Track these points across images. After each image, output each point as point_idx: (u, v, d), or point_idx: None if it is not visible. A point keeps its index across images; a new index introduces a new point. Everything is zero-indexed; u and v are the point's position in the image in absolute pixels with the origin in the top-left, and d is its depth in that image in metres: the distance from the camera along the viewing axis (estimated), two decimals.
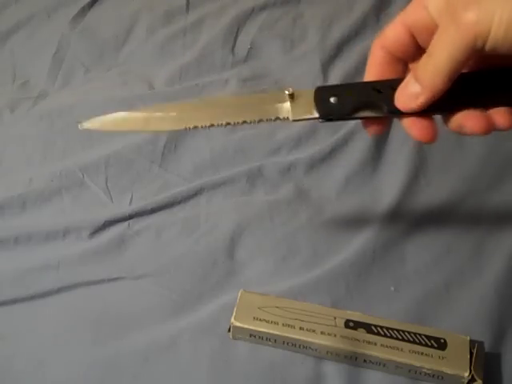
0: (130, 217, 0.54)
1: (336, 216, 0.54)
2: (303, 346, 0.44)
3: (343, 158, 0.58)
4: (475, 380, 0.41)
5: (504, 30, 0.29)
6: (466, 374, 0.41)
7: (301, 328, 0.44)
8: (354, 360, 0.43)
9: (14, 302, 0.49)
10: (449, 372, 0.41)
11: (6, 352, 0.47)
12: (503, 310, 0.47)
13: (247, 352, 0.46)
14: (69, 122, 0.63)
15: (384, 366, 0.43)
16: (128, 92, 0.66)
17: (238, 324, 0.44)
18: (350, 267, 0.50)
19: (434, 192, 0.55)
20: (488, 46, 0.30)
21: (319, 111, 0.35)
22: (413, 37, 0.35)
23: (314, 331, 0.43)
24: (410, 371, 0.42)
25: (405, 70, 0.36)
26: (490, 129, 0.34)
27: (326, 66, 0.66)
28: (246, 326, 0.44)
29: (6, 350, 0.47)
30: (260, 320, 0.44)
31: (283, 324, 0.44)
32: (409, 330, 0.43)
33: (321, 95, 0.35)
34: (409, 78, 0.34)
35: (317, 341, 0.43)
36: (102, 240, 0.53)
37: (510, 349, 0.45)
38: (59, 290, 0.50)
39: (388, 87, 0.34)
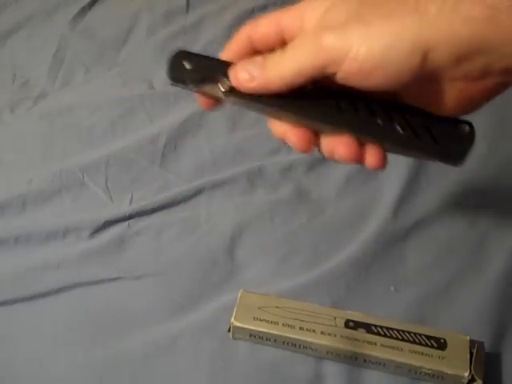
0: (130, 217, 0.54)
1: (336, 216, 0.54)
2: (303, 346, 0.44)
3: None
4: (475, 380, 0.41)
5: (358, 65, 0.28)
6: (466, 374, 0.41)
7: (301, 328, 0.44)
8: (354, 360, 0.43)
9: (14, 302, 0.49)
10: (449, 372, 0.41)
11: (6, 352, 0.47)
12: (503, 310, 0.47)
13: (247, 352, 0.46)
14: (69, 122, 0.63)
15: (384, 365, 0.43)
16: (128, 92, 0.66)
17: (237, 324, 0.44)
18: (349, 267, 0.50)
19: (434, 192, 0.55)
20: (339, 76, 0.29)
21: (170, 74, 0.34)
22: (281, 38, 0.33)
23: (313, 331, 0.43)
24: (409, 371, 0.42)
25: None
26: (361, 162, 0.33)
27: None
28: (246, 326, 0.44)
29: (6, 349, 0.47)
30: (260, 320, 0.44)
31: (283, 324, 0.44)
32: (409, 330, 0.43)
33: (178, 59, 0.33)
34: (257, 59, 0.32)
35: (317, 341, 0.43)
36: (102, 240, 0.53)
37: (510, 349, 0.45)
38: (59, 290, 0.50)
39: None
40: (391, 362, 0.42)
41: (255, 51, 0.34)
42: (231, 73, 0.32)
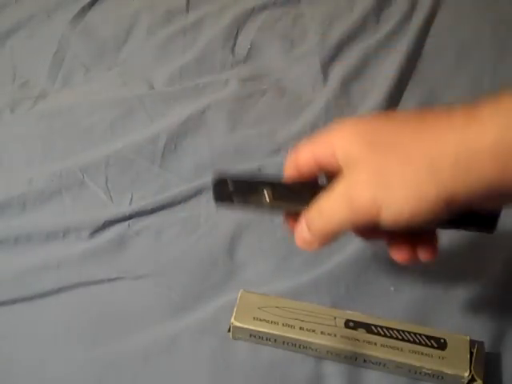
0: (130, 217, 0.54)
1: None
2: (303, 346, 0.44)
3: None
4: (475, 380, 0.41)
5: (390, 223, 0.32)
6: (466, 374, 0.41)
7: (301, 328, 0.44)
8: (354, 360, 0.43)
9: (14, 302, 0.49)
10: (449, 372, 0.41)
11: (6, 352, 0.47)
12: (503, 310, 0.47)
13: (247, 352, 0.46)
14: (69, 121, 0.63)
15: (384, 365, 0.43)
16: (128, 92, 0.66)
17: (237, 324, 0.44)
18: (349, 267, 0.50)
19: None
20: (382, 225, 0.32)
21: (216, 196, 0.39)
22: (319, 163, 0.36)
23: (313, 331, 0.43)
24: (409, 371, 0.42)
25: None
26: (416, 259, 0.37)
27: (326, 66, 0.66)
28: (245, 326, 0.44)
29: (5, 349, 0.47)
30: (260, 320, 0.44)
31: (283, 324, 0.44)
32: (409, 330, 0.43)
33: (220, 182, 0.39)
34: (302, 225, 0.36)
35: (317, 341, 0.43)
36: (102, 240, 0.53)
37: (510, 349, 0.45)
38: (59, 290, 0.50)
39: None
40: (391, 362, 0.42)
41: (302, 173, 0.38)
42: (295, 237, 0.37)
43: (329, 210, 0.34)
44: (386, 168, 0.31)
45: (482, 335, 0.44)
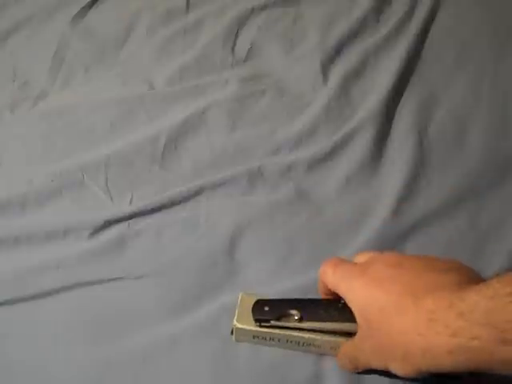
0: (130, 217, 0.54)
1: (336, 216, 0.54)
2: (307, 344, 0.44)
3: (343, 158, 0.58)
4: None
5: (398, 373, 0.38)
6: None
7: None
8: None
9: (14, 302, 0.49)
10: None
11: (6, 352, 0.47)
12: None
13: (247, 352, 0.46)
14: (69, 121, 0.63)
15: None
16: (128, 92, 0.66)
17: (240, 326, 0.44)
18: None
19: (434, 192, 0.55)
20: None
21: (255, 316, 0.44)
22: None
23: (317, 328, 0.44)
24: None
25: None
26: None
27: (326, 66, 0.66)
28: (248, 328, 0.44)
29: (6, 350, 0.47)
30: None
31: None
32: None
33: (259, 305, 0.44)
34: (341, 354, 0.43)
35: (320, 337, 0.43)
36: (102, 240, 0.53)
37: None
38: (59, 290, 0.50)
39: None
40: None
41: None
42: (338, 361, 0.44)
43: (354, 355, 0.42)
44: (380, 346, 0.39)
45: None
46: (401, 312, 0.37)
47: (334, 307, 0.43)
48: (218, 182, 0.56)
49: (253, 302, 0.45)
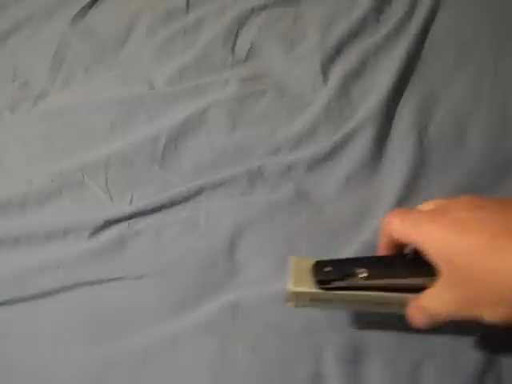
0: (130, 217, 0.54)
1: (336, 216, 0.54)
2: (373, 303, 0.41)
3: (343, 157, 0.58)
4: None
5: (492, 321, 0.36)
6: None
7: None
8: None
9: (14, 302, 0.49)
10: None
11: (6, 352, 0.47)
12: None
13: (247, 352, 0.46)
14: (69, 121, 0.63)
15: None
16: (128, 92, 0.66)
17: (298, 289, 0.41)
18: None
19: (434, 192, 0.55)
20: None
21: (317, 278, 0.41)
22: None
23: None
24: None
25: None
26: None
27: (326, 66, 0.66)
28: (308, 291, 0.41)
29: (6, 349, 0.47)
30: None
31: None
32: None
33: (318, 267, 0.41)
34: (415, 310, 0.40)
35: (388, 295, 0.40)
36: (102, 240, 0.53)
37: (510, 349, 0.45)
38: (59, 290, 0.50)
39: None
40: None
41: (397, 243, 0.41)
42: (410, 322, 0.40)
43: (433, 306, 0.38)
44: (470, 292, 0.36)
45: (482, 334, 0.44)
46: (498, 253, 0.34)
47: (400, 262, 0.40)
48: (218, 182, 0.56)
49: (308, 264, 0.42)
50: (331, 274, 0.40)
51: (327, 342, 0.46)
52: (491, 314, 0.35)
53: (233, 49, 0.69)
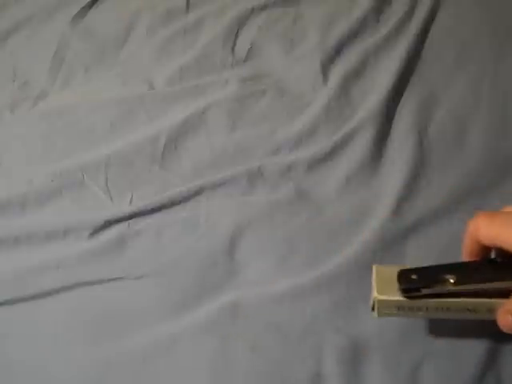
0: (130, 217, 0.54)
1: (336, 216, 0.54)
2: (461, 309, 0.40)
3: (343, 157, 0.58)
4: None
5: None
6: None
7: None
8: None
9: (14, 302, 0.49)
10: None
11: (7, 352, 0.47)
12: None
13: (247, 352, 0.46)
14: (69, 121, 0.63)
15: None
16: (128, 92, 0.66)
17: (382, 297, 0.40)
18: (349, 267, 0.50)
19: (434, 192, 0.55)
20: None
21: (403, 287, 0.40)
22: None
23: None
24: None
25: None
26: None
27: (326, 66, 0.66)
28: (394, 299, 0.40)
29: (6, 349, 0.47)
30: None
31: None
32: None
33: (404, 275, 0.40)
34: (505, 312, 0.38)
35: (476, 300, 0.39)
36: (102, 240, 0.53)
37: (510, 348, 0.45)
38: (59, 290, 0.50)
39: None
40: None
41: (483, 246, 0.40)
42: (500, 325, 0.39)
43: None
44: None
45: (481, 335, 0.44)
46: None
47: (489, 266, 0.39)
48: (218, 181, 0.56)
49: (391, 272, 0.41)
50: (417, 281, 0.40)
51: (327, 342, 0.46)
52: None
53: (233, 49, 0.69)
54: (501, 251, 0.38)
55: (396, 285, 0.40)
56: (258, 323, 0.47)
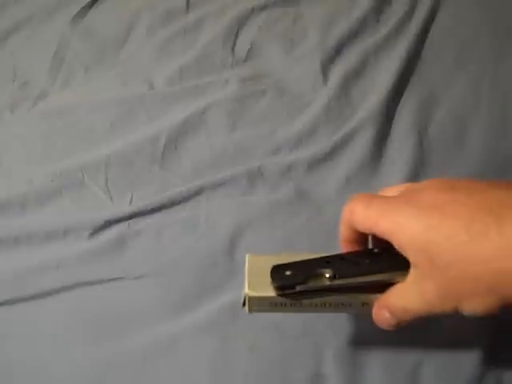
0: (130, 217, 0.54)
1: (336, 216, 0.54)
2: (336, 305, 0.38)
3: (343, 157, 0.58)
4: None
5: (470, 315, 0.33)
6: None
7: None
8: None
9: (14, 302, 0.49)
10: None
11: (7, 352, 0.47)
12: (503, 310, 0.47)
13: (247, 352, 0.46)
14: (69, 121, 0.63)
15: None
16: (128, 92, 0.66)
17: (255, 294, 0.38)
18: None
19: None
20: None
21: (276, 284, 0.37)
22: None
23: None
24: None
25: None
26: None
27: (326, 66, 0.66)
28: (266, 295, 0.38)
29: (6, 349, 0.47)
30: None
31: None
32: None
33: (276, 272, 0.37)
34: (382, 310, 0.36)
35: (353, 295, 0.37)
36: (102, 240, 0.53)
37: (509, 349, 0.45)
38: (59, 290, 0.50)
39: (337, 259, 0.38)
40: None
41: (359, 233, 0.37)
42: (375, 316, 0.37)
43: (405, 303, 0.35)
44: (452, 283, 0.32)
45: (481, 335, 0.44)
46: (479, 237, 0.30)
47: (367, 257, 0.37)
48: (218, 181, 0.56)
49: (265, 265, 0.38)
50: (291, 278, 0.37)
51: (327, 342, 0.46)
52: (473, 306, 0.32)
53: (233, 49, 0.69)
54: (378, 240, 0.36)
55: (268, 279, 0.38)
56: (257, 323, 0.47)
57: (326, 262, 0.37)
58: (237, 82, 0.65)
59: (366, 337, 0.46)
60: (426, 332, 0.46)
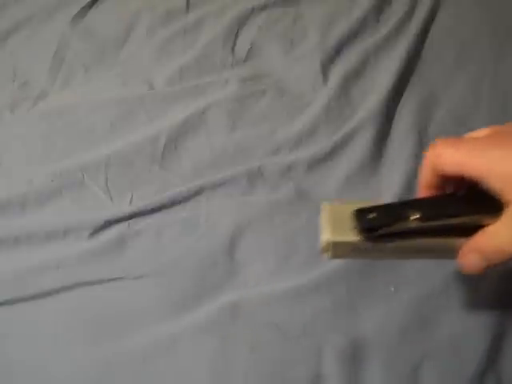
0: (130, 217, 0.54)
1: None
2: (422, 250, 0.37)
3: (343, 157, 0.58)
4: None
5: None
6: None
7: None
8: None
9: (14, 302, 0.49)
10: None
11: (7, 352, 0.47)
12: (503, 309, 0.47)
13: (247, 352, 0.46)
14: (69, 121, 0.63)
15: None
16: (128, 92, 0.66)
17: (337, 239, 0.36)
18: (350, 267, 0.50)
19: None
20: None
21: (361, 228, 0.36)
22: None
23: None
24: None
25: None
26: None
27: (326, 66, 0.66)
28: (348, 239, 0.36)
29: (6, 349, 0.47)
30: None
31: None
32: None
33: (359, 216, 0.36)
34: (469, 251, 0.35)
35: (440, 239, 0.36)
36: (102, 240, 0.53)
37: (510, 349, 0.45)
38: (59, 290, 0.50)
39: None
40: None
41: (442, 178, 0.36)
42: (461, 267, 0.36)
43: (499, 243, 0.34)
44: None
45: (481, 335, 0.44)
46: None
47: (455, 200, 0.35)
48: (218, 181, 0.56)
49: (345, 211, 0.37)
50: (377, 220, 0.35)
51: (327, 342, 0.46)
52: None
53: (233, 49, 0.69)
54: (460, 185, 0.36)
55: (349, 225, 0.36)
56: (257, 323, 0.47)
57: (412, 205, 0.35)
58: (237, 82, 0.65)
59: (367, 337, 0.46)
60: (426, 332, 0.46)
